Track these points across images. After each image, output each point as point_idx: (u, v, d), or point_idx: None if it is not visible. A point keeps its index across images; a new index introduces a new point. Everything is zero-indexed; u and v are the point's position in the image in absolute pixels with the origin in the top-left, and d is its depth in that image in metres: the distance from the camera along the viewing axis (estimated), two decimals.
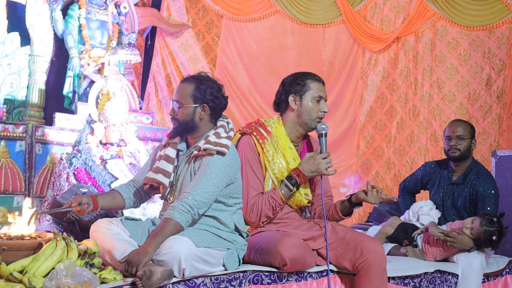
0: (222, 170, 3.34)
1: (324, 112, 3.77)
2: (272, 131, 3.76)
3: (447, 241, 4.28)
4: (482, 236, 4.26)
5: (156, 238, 3.13)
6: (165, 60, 8.53)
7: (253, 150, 3.71)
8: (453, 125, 4.79)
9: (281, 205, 3.67)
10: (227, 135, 3.44)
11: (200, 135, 3.47)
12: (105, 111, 6.19)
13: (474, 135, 4.78)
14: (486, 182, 4.63)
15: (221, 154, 3.35)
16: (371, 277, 3.50)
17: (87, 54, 7.00)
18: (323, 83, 3.84)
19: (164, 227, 3.17)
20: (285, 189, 3.65)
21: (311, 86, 3.77)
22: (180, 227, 3.20)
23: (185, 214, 3.20)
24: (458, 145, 4.67)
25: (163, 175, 3.45)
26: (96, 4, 7.24)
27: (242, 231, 3.49)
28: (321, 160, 3.61)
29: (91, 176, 5.84)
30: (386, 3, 8.42)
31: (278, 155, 3.71)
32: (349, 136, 8.53)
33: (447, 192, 4.76)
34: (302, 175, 3.62)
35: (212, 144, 3.36)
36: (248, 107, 8.55)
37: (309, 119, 3.75)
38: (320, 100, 3.76)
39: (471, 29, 8.06)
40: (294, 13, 8.61)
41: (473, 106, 7.95)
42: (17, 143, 6.25)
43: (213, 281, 3.22)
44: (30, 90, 6.70)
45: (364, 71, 8.50)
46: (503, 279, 4.57)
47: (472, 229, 4.30)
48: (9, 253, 2.91)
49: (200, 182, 3.28)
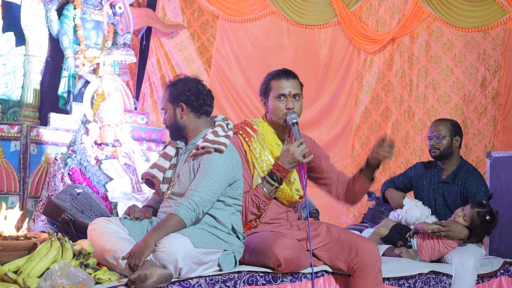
0: (223, 168, 3.37)
1: (290, 109, 3.71)
2: (258, 130, 3.78)
3: (441, 232, 4.32)
4: (475, 219, 4.31)
5: (157, 231, 3.16)
6: (160, 61, 8.52)
7: (240, 149, 3.72)
8: (432, 125, 4.85)
9: (265, 201, 3.66)
10: (225, 134, 3.47)
11: (193, 133, 3.54)
12: (100, 111, 6.18)
13: (457, 132, 4.78)
14: (476, 180, 4.67)
15: (219, 151, 3.38)
16: (366, 277, 3.50)
17: (82, 54, 6.99)
18: (290, 77, 3.78)
19: (167, 222, 3.21)
20: (267, 185, 3.65)
21: (272, 85, 3.77)
22: (183, 224, 3.23)
23: (190, 212, 3.23)
24: (437, 144, 4.72)
25: (157, 170, 3.58)
26: (91, 4, 7.23)
27: (239, 232, 3.50)
28: (295, 149, 3.59)
29: (86, 176, 5.83)
30: (381, 4, 8.43)
31: (266, 152, 3.71)
32: (344, 137, 8.54)
33: (438, 191, 4.79)
34: (282, 169, 3.61)
35: (209, 142, 3.39)
36: (243, 107, 8.54)
37: (277, 118, 3.75)
38: (282, 98, 3.73)
39: (466, 30, 8.08)
40: (289, 14, 8.61)
41: (468, 107, 7.97)
42: (11, 143, 6.24)
43: (208, 281, 3.22)
44: (25, 90, 6.68)
45: (359, 72, 8.51)
46: (497, 280, 4.58)
47: (465, 215, 4.35)
48: (4, 253, 2.91)
49: (203, 180, 3.31)
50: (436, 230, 4.33)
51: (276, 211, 3.76)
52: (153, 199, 3.73)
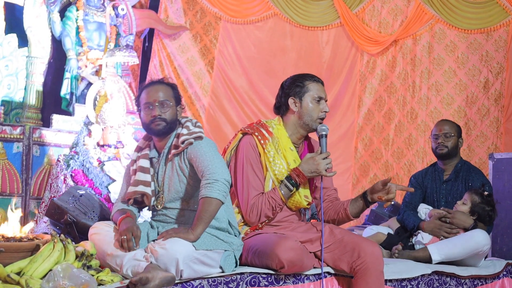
0: (214, 148, 3.40)
1: (326, 112, 3.78)
2: (273, 132, 3.78)
3: (446, 218, 4.46)
4: (475, 198, 4.47)
5: (202, 220, 3.20)
6: (162, 62, 8.52)
7: (255, 150, 3.72)
8: (440, 124, 4.93)
9: (280, 205, 3.67)
10: (195, 126, 3.51)
11: (169, 135, 3.52)
12: (103, 113, 6.18)
13: (460, 134, 4.91)
14: (479, 176, 4.78)
15: (199, 139, 3.42)
16: (368, 279, 3.50)
17: (84, 56, 7.00)
18: (323, 83, 3.85)
19: (207, 208, 3.21)
20: (284, 189, 3.65)
21: (310, 87, 3.78)
22: (219, 202, 3.23)
23: (217, 185, 3.22)
24: (446, 142, 4.82)
25: (143, 186, 3.48)
26: (94, 6, 7.24)
27: (234, 227, 3.50)
28: (321, 161, 3.61)
29: (88, 178, 5.83)
30: (384, 5, 8.42)
31: (279, 156, 3.72)
32: (347, 138, 8.53)
33: (441, 192, 4.82)
34: (302, 175, 3.63)
35: (186, 135, 3.42)
36: (246, 109, 8.53)
37: (311, 120, 3.76)
38: (320, 101, 3.77)
39: (468, 32, 8.07)
40: (292, 16, 8.61)
41: (471, 109, 7.96)
42: (14, 144, 6.25)
43: (210, 283, 3.22)
44: (28, 91, 6.70)
45: (362, 73, 8.51)
46: (500, 282, 4.57)
47: (465, 200, 4.51)
48: (7, 254, 2.91)
49: (207, 160, 3.31)
50: (442, 215, 4.43)
51: (282, 214, 3.76)
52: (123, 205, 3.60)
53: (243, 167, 3.69)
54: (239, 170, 3.71)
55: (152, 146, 3.58)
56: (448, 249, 4.36)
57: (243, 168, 3.69)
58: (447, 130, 4.81)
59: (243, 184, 3.68)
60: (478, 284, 4.39)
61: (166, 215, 3.49)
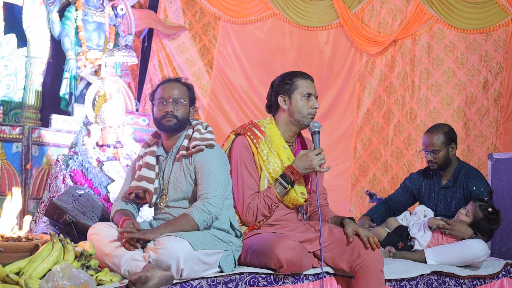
0: (220, 163, 3.44)
1: (316, 108, 3.80)
2: (266, 131, 3.80)
3: (445, 229, 4.40)
4: (478, 213, 4.40)
5: (166, 226, 3.23)
6: (161, 62, 8.52)
7: (248, 150, 3.73)
8: (426, 138, 4.77)
9: (276, 203, 3.69)
10: (207, 131, 3.54)
11: (179, 135, 3.53)
12: (102, 113, 6.18)
13: (451, 139, 4.74)
14: (478, 181, 4.68)
15: (211, 147, 3.44)
16: (368, 278, 3.50)
17: (83, 56, 7.00)
18: (312, 80, 3.87)
19: (180, 220, 3.26)
20: (279, 187, 3.67)
21: (299, 84, 3.80)
22: (195, 225, 3.26)
23: (204, 214, 3.27)
24: (434, 159, 4.70)
25: (147, 182, 3.50)
26: (93, 6, 7.24)
27: (236, 229, 3.52)
28: (314, 157, 3.63)
29: (87, 178, 5.83)
30: (383, 6, 8.42)
31: (273, 154, 3.73)
32: (346, 139, 8.52)
33: (439, 197, 4.78)
34: (296, 172, 3.64)
35: (198, 140, 3.44)
36: (245, 109, 8.53)
37: (301, 116, 3.78)
38: (309, 97, 3.79)
39: (468, 32, 8.07)
40: (291, 16, 8.61)
41: (470, 109, 7.95)
42: (13, 144, 6.25)
43: (210, 283, 3.22)
44: (27, 91, 6.70)
45: (361, 74, 8.50)
46: (499, 282, 4.58)
47: (467, 211, 4.44)
48: (6, 254, 2.91)
49: (209, 180, 3.35)
50: (441, 226, 4.39)
51: (280, 212, 3.77)
52: (123, 202, 3.62)
53: (238, 167, 3.71)
54: (233, 171, 3.73)
55: (160, 144, 3.60)
56: (444, 256, 4.36)
57: (237, 168, 3.71)
58: (432, 146, 4.67)
59: (238, 184, 3.69)
60: (477, 284, 4.39)
61: (169, 214, 3.49)
